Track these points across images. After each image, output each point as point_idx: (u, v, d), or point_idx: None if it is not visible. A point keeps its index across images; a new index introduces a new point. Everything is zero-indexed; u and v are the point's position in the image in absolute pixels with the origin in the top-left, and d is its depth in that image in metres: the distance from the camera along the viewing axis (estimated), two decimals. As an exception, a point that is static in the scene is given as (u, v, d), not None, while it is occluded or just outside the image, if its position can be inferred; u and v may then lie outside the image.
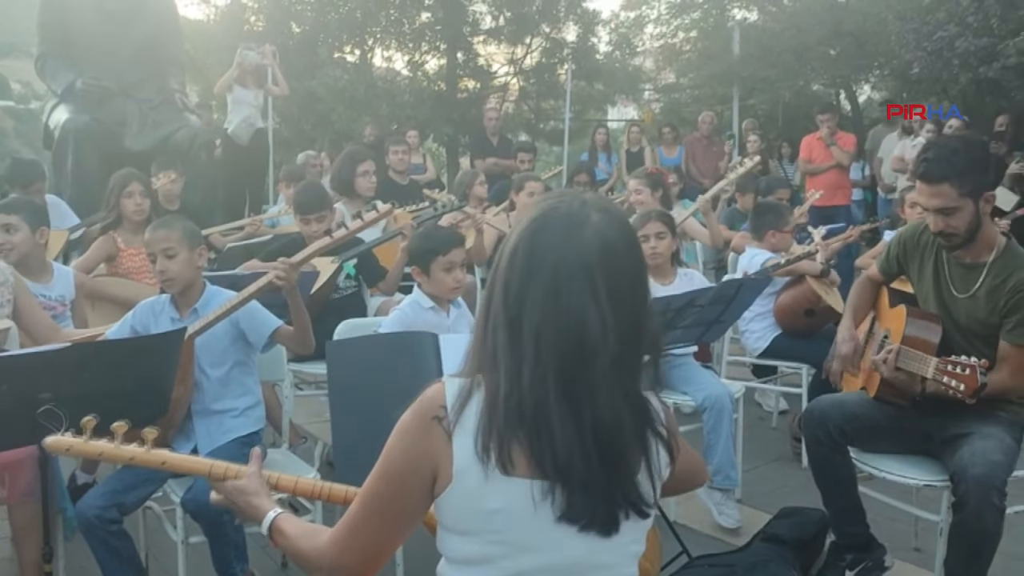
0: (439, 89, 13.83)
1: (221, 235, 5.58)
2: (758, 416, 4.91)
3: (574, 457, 1.23)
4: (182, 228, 2.85)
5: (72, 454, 1.63)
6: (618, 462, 1.27)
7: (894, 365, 2.63)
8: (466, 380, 1.30)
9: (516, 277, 1.27)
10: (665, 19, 15.54)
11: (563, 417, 1.23)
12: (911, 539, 3.28)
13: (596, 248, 1.26)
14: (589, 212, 1.29)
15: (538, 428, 1.23)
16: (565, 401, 1.24)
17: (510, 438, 1.24)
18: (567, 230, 1.27)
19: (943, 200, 2.60)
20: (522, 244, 1.28)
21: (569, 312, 1.24)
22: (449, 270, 3.05)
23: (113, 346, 2.56)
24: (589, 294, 1.24)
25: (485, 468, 1.24)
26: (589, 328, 1.24)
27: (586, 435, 1.24)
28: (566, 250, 1.26)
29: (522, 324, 1.25)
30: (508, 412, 1.24)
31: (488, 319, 1.31)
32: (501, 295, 1.29)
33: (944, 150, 2.61)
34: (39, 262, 3.51)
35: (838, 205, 7.65)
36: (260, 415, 2.95)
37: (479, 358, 1.31)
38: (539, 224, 1.29)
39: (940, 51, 8.85)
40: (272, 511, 1.51)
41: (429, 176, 8.48)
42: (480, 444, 1.25)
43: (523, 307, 1.25)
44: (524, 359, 1.25)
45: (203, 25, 14.04)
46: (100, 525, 2.48)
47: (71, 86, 6.81)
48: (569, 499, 1.24)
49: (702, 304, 3.07)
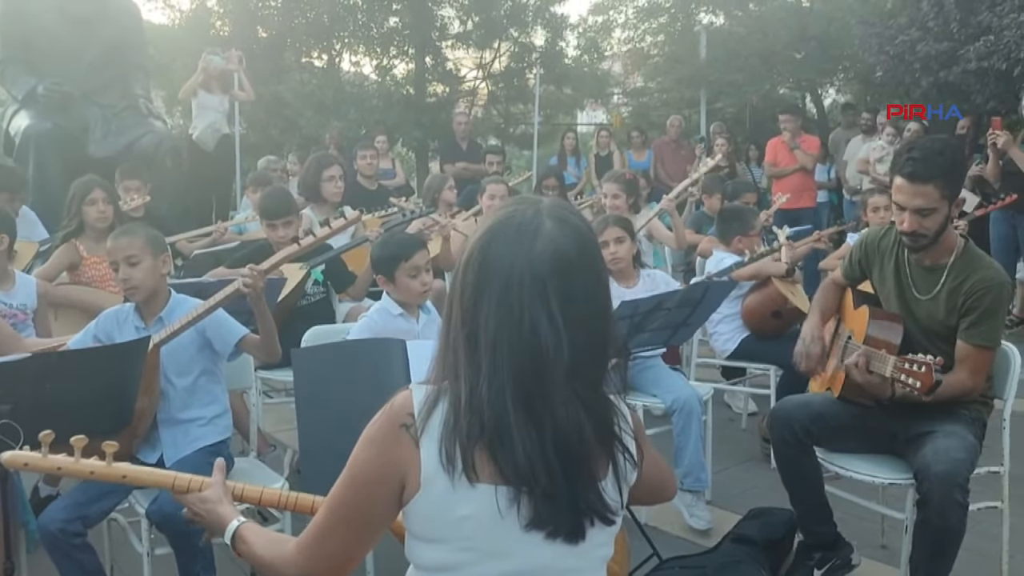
0: (408, 93, 13.81)
1: (187, 242, 5.52)
2: (727, 417, 4.94)
3: (536, 467, 1.23)
4: (145, 235, 2.81)
5: (30, 470, 1.60)
6: (580, 471, 1.26)
7: (866, 368, 2.64)
8: (433, 388, 1.30)
9: (470, 288, 1.27)
10: (632, 23, 15.66)
11: (522, 427, 1.23)
12: (878, 537, 3.32)
13: (548, 257, 1.25)
14: (543, 220, 1.28)
15: (500, 438, 1.23)
16: (524, 411, 1.23)
17: (473, 446, 1.24)
18: (518, 240, 1.26)
19: (925, 200, 2.61)
20: (475, 255, 1.28)
21: (522, 323, 1.23)
22: (415, 275, 3.03)
23: (76, 356, 2.52)
24: (541, 304, 1.24)
25: (451, 476, 1.24)
26: (542, 338, 1.23)
27: (547, 445, 1.24)
28: (517, 261, 1.25)
29: (478, 336, 1.25)
30: (470, 422, 1.24)
31: (449, 329, 1.31)
32: (459, 307, 1.29)
33: (929, 151, 2.61)
34: (1, 270, 3.46)
35: (804, 208, 7.73)
36: (227, 424, 2.92)
37: (442, 367, 1.31)
38: (491, 235, 1.28)
39: (902, 55, 9.00)
40: (235, 520, 1.50)
41: (399, 181, 8.45)
42: (444, 453, 1.24)
43: (478, 318, 1.25)
44: (482, 370, 1.24)
45: (168, 30, 13.88)
46: (64, 538, 2.43)
47: (32, 92, 6.69)
48: (535, 507, 1.24)
49: (669, 307, 3.09)
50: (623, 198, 4.96)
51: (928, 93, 9.09)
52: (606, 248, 3.71)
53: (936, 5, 8.69)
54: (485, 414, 1.23)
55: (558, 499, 1.24)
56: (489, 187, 5.35)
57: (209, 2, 13.73)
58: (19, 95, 6.83)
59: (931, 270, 2.77)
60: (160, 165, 6.62)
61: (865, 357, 2.64)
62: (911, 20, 9.05)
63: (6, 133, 6.90)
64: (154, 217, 5.03)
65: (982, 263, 2.73)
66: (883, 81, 10.05)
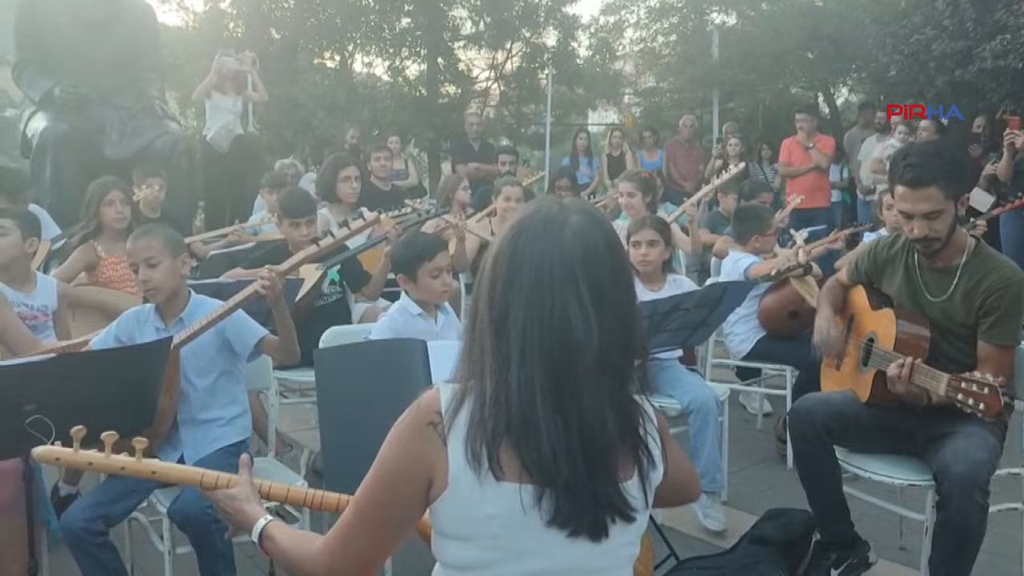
0: (420, 94, 13.83)
1: (203, 243, 5.55)
2: (743, 418, 4.94)
3: (559, 458, 1.24)
4: (164, 236, 2.83)
5: (61, 464, 1.62)
6: (602, 464, 1.27)
7: (908, 379, 2.60)
8: (459, 386, 1.31)
9: (500, 282, 1.29)
10: (644, 24, 15.60)
11: (549, 418, 1.24)
12: (896, 538, 3.31)
13: (577, 248, 1.28)
14: (568, 215, 1.31)
15: (526, 430, 1.24)
16: (552, 401, 1.25)
17: (499, 443, 1.24)
18: (547, 232, 1.29)
19: (930, 204, 2.61)
20: (504, 249, 1.30)
21: (553, 312, 1.25)
22: (436, 275, 3.05)
23: (99, 356, 2.54)
24: (572, 294, 1.26)
25: (477, 474, 1.25)
26: (573, 327, 1.25)
27: (572, 436, 1.25)
28: (547, 252, 1.27)
29: (507, 328, 1.27)
30: (496, 416, 1.25)
31: (475, 326, 1.32)
32: (486, 301, 1.30)
33: (926, 155, 2.62)
34: (24, 271, 3.49)
35: (818, 208, 7.70)
36: (247, 424, 2.94)
37: (468, 364, 1.32)
38: (520, 229, 1.31)
39: (916, 54, 8.95)
40: (263, 518, 1.51)
41: (411, 182, 8.47)
42: (470, 451, 1.25)
43: (508, 311, 1.27)
44: (511, 362, 1.26)
45: (182, 32, 13.94)
46: (86, 537, 2.46)
47: (49, 94, 6.74)
48: (556, 504, 1.25)
49: (688, 308, 3.08)
50: (639, 196, 4.95)
51: (943, 92, 9.04)
52: (638, 248, 3.71)
53: (951, 3, 8.64)
54: (512, 406, 1.24)
55: (579, 493, 1.25)
56: (504, 189, 5.36)
57: (223, 4, 13.78)
58: (36, 97, 6.89)
59: (943, 271, 2.76)
60: (175, 166, 6.66)
61: (909, 369, 2.59)
62: (926, 19, 9.00)
63: (23, 135, 6.95)
64: (171, 218, 5.06)
65: (997, 262, 2.72)
66: (897, 80, 9.99)
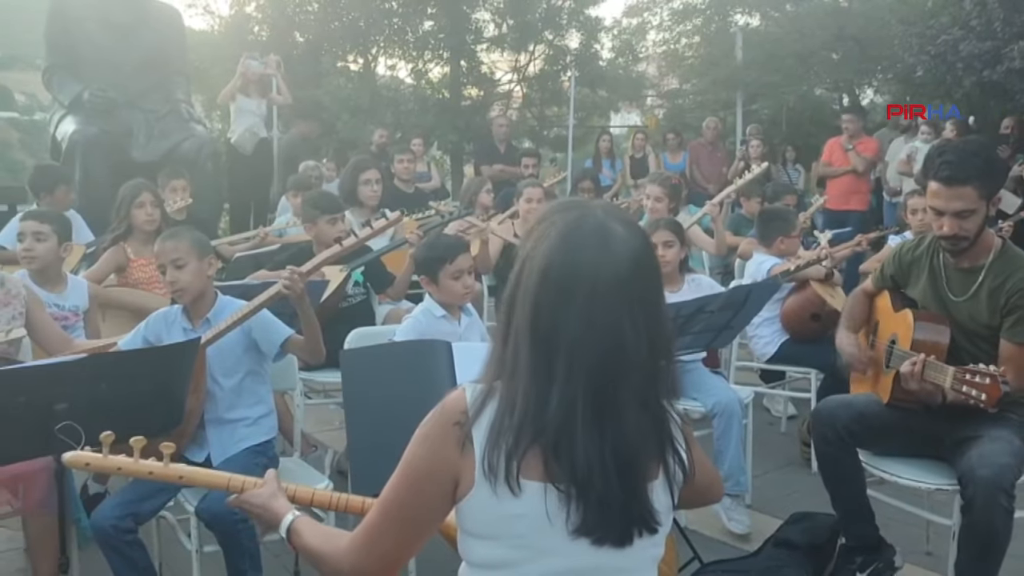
0: (443, 97, 13.86)
1: (229, 245, 5.60)
2: (767, 421, 4.91)
3: (594, 473, 1.24)
4: (190, 238, 2.87)
5: (91, 470, 1.64)
6: (635, 477, 1.28)
7: (921, 376, 2.59)
8: (483, 387, 1.31)
9: (551, 295, 1.26)
10: (668, 25, 15.60)
11: (588, 433, 1.24)
12: (923, 543, 3.28)
13: (628, 261, 1.27)
14: (612, 224, 1.29)
15: (561, 443, 1.24)
16: (592, 417, 1.24)
17: (525, 448, 1.24)
18: (600, 245, 1.26)
19: (964, 203, 2.58)
20: (555, 261, 1.26)
21: (606, 329, 1.24)
22: (458, 277, 3.06)
23: (129, 357, 2.58)
24: (627, 309, 1.25)
25: (499, 476, 1.25)
26: (626, 344, 1.25)
27: (607, 451, 1.24)
28: (602, 266, 1.25)
29: (555, 342, 1.25)
30: (524, 423, 1.24)
31: (510, 334, 1.30)
32: (530, 313, 1.27)
33: (963, 152, 2.58)
34: (56, 273, 3.55)
35: (853, 210, 7.63)
36: (273, 424, 2.96)
37: (497, 370, 1.31)
38: (570, 240, 1.27)
39: (944, 55, 8.89)
40: (290, 514, 1.53)
41: (434, 184, 8.49)
42: (487, 462, 1.25)
43: (558, 325, 1.25)
44: (554, 376, 1.24)
45: (207, 36, 14.08)
46: (115, 535, 2.49)
47: (78, 97, 6.83)
48: (584, 514, 1.25)
49: (712, 310, 3.07)
50: (666, 202, 4.92)
51: (971, 93, 8.97)
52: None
53: (979, 4, 8.58)
54: (549, 418, 1.24)
55: (610, 506, 1.25)
56: (526, 191, 5.35)
57: (248, 8, 13.89)
58: (66, 101, 6.98)
59: (968, 271, 2.74)
60: (201, 169, 6.72)
61: (921, 365, 2.59)
62: (953, 19, 8.93)
63: (53, 138, 7.05)
64: (197, 220, 5.11)
65: (1023, 262, 2.69)
66: (923, 81, 9.92)
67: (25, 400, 2.09)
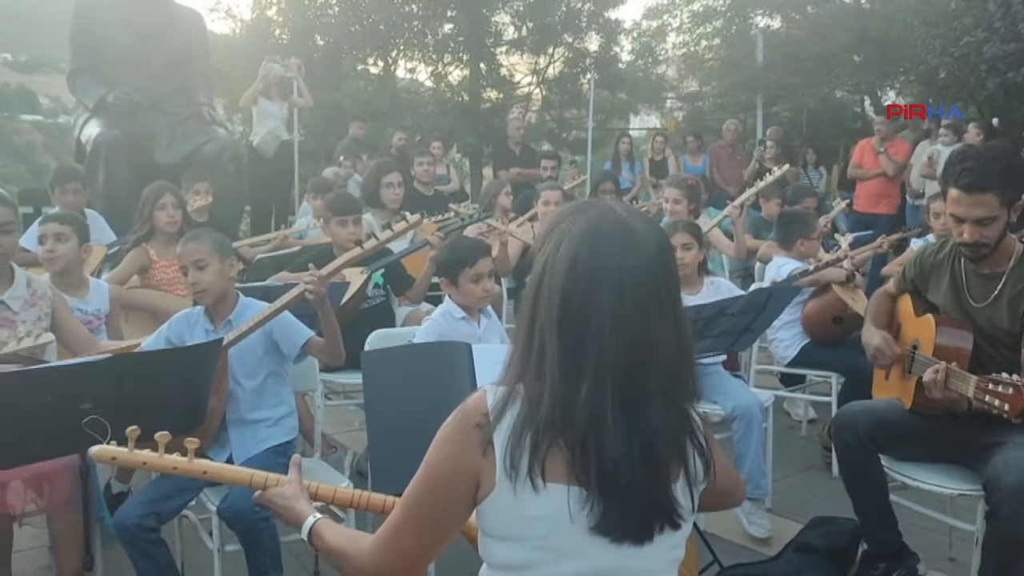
0: (462, 100, 13.91)
1: (250, 247, 5.64)
2: (787, 425, 4.88)
3: (621, 466, 1.24)
4: (212, 240, 2.89)
5: (117, 463, 1.66)
6: (658, 474, 1.28)
7: (944, 385, 2.57)
8: (505, 389, 1.32)
9: (579, 289, 1.26)
10: (688, 28, 15.56)
11: (618, 427, 1.24)
12: (945, 549, 3.25)
13: (655, 258, 1.28)
14: (634, 222, 1.30)
15: (590, 438, 1.24)
16: (621, 411, 1.25)
17: (549, 447, 1.24)
18: (624, 240, 1.27)
19: (985, 210, 2.56)
20: (582, 254, 1.27)
21: (635, 322, 1.25)
22: (477, 280, 3.07)
23: (153, 357, 2.60)
24: (656, 305, 1.26)
25: (520, 477, 1.25)
26: (654, 338, 1.25)
27: (635, 444, 1.25)
28: (628, 259, 1.26)
29: (583, 336, 1.25)
30: (551, 423, 1.24)
31: (534, 333, 1.30)
32: (558, 307, 1.27)
33: (984, 159, 2.55)
34: (77, 277, 3.58)
35: (881, 213, 7.57)
36: (294, 424, 2.98)
37: (520, 369, 1.31)
38: (595, 235, 1.28)
39: (967, 56, 8.81)
40: (312, 516, 1.54)
41: (453, 187, 8.52)
42: (509, 460, 1.26)
43: (587, 319, 1.25)
44: (582, 372, 1.25)
45: (229, 39, 14.20)
46: (139, 533, 2.51)
47: (102, 101, 6.90)
48: (605, 510, 1.25)
49: (732, 313, 3.06)
50: (684, 204, 4.90)
51: (994, 95, 8.89)
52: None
53: (1003, 5, 8.50)
54: (578, 414, 1.24)
55: (634, 500, 1.26)
56: (544, 193, 5.35)
57: (269, 11, 14.01)
58: (90, 104, 7.05)
59: (988, 277, 2.71)
60: (223, 171, 6.77)
61: (944, 373, 2.57)
62: (976, 21, 8.85)
63: (78, 141, 7.13)
64: (218, 222, 5.15)
65: None
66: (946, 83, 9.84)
67: (52, 399, 2.12)
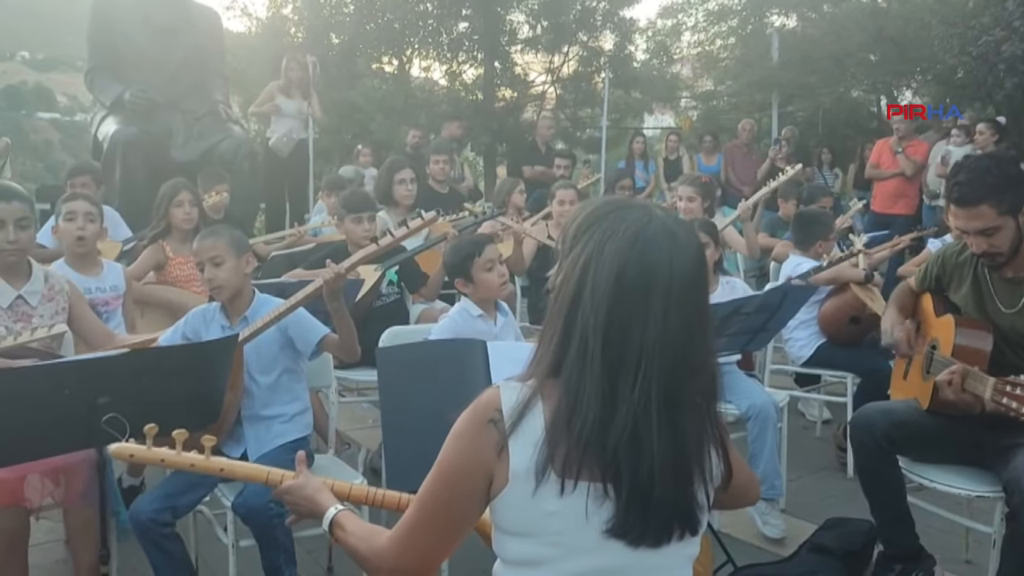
0: (476, 99, 13.91)
1: (264, 244, 5.66)
2: (801, 426, 4.86)
3: (656, 476, 1.24)
4: (228, 236, 2.90)
5: (136, 461, 1.68)
6: (690, 477, 1.28)
7: (960, 386, 2.56)
8: (526, 386, 1.31)
9: (628, 297, 1.25)
10: (703, 27, 15.49)
11: (661, 433, 1.24)
12: (962, 551, 3.23)
13: (694, 261, 1.28)
14: (674, 225, 1.30)
15: (627, 445, 1.23)
16: (664, 419, 1.24)
17: (584, 452, 1.24)
18: (671, 246, 1.27)
19: (983, 221, 2.56)
20: (631, 260, 1.25)
21: (681, 329, 1.25)
22: (490, 268, 3.08)
23: (170, 352, 2.61)
24: (696, 308, 1.27)
25: (544, 476, 1.25)
26: (696, 344, 1.26)
27: (672, 452, 1.25)
28: (677, 266, 1.26)
29: (629, 343, 1.24)
30: (591, 428, 1.24)
31: (573, 333, 1.27)
32: (604, 314, 1.25)
33: (975, 171, 2.56)
34: (93, 257, 3.63)
35: (899, 214, 7.52)
36: (308, 421, 2.99)
37: (551, 368, 1.29)
38: (643, 240, 1.26)
39: (985, 56, 8.74)
40: (333, 507, 1.55)
41: (467, 185, 8.52)
42: (538, 461, 1.25)
43: (635, 326, 1.24)
44: (626, 378, 1.24)
45: (245, 37, 14.25)
46: (154, 528, 2.53)
47: (119, 98, 6.94)
48: (626, 517, 1.25)
49: (748, 312, 3.05)
50: (698, 201, 4.89)
51: (1013, 95, 8.81)
52: None
53: (1022, 4, 8.42)
54: (619, 421, 1.23)
55: (659, 510, 1.26)
56: (559, 193, 5.35)
57: (285, 10, 14.05)
58: (107, 102, 7.09)
59: (1014, 282, 2.69)
60: (238, 169, 6.80)
61: (960, 375, 2.56)
62: (995, 20, 8.77)
63: (95, 138, 7.17)
64: (233, 219, 5.18)
65: None
66: (964, 83, 9.76)
67: (70, 393, 2.13)
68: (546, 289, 1.40)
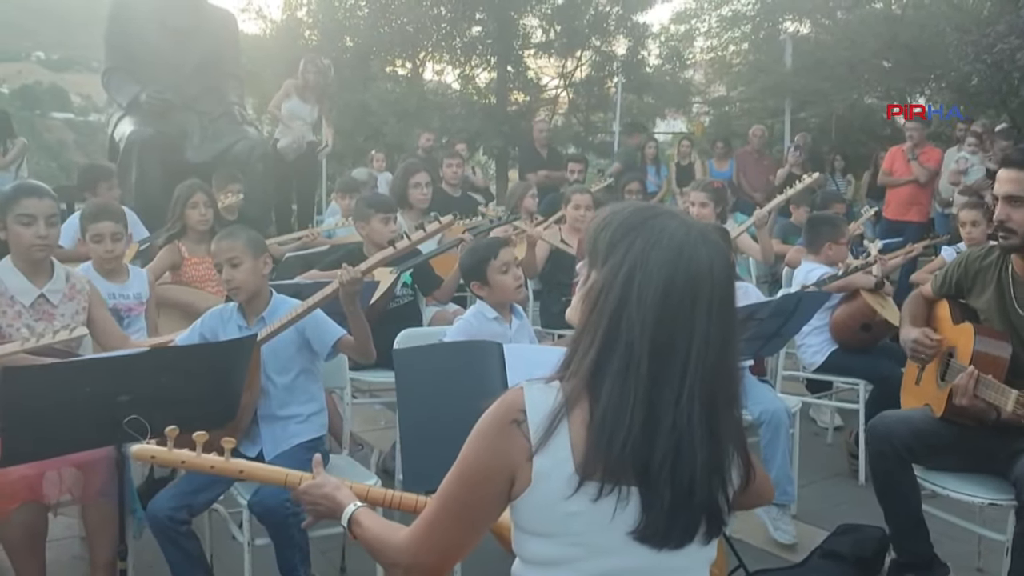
0: (489, 102, 13.95)
1: (278, 245, 5.69)
2: (813, 432, 4.86)
3: (697, 479, 1.25)
4: (246, 237, 2.93)
5: (156, 462, 1.69)
6: (723, 483, 1.30)
7: (973, 393, 2.57)
8: (556, 390, 1.31)
9: (676, 306, 1.26)
10: (716, 32, 15.50)
11: (702, 441, 1.26)
12: (974, 559, 3.22)
13: (729, 268, 1.31)
14: (708, 231, 1.32)
15: (671, 453, 1.25)
16: (707, 421, 1.26)
17: (622, 460, 1.24)
18: (710, 254, 1.29)
19: (1015, 187, 2.56)
20: (679, 269, 1.27)
21: (723, 336, 1.28)
22: (505, 271, 3.09)
23: (189, 351, 2.64)
24: (732, 312, 1.30)
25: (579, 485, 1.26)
26: (734, 350, 1.29)
27: (711, 458, 1.27)
28: (716, 274, 1.28)
29: (676, 351, 1.26)
30: (637, 434, 1.24)
31: (618, 340, 1.27)
32: (652, 323, 1.25)
33: None
34: (117, 264, 3.66)
35: (911, 221, 7.50)
36: (324, 421, 3.01)
37: (588, 375, 1.29)
38: (687, 249, 1.28)
39: (1000, 63, 8.72)
40: (352, 504, 1.56)
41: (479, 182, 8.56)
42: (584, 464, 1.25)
43: (682, 335, 1.26)
44: (668, 384, 1.25)
45: (260, 39, 14.34)
46: (171, 526, 2.55)
47: (136, 99, 6.98)
48: (654, 521, 1.26)
49: (761, 317, 3.06)
50: (710, 207, 4.90)
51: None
52: None
53: (1038, 12, 8.41)
54: (666, 427, 1.25)
55: (691, 515, 1.28)
56: (574, 197, 5.37)
57: (299, 13, 14.14)
58: (123, 103, 7.13)
59: None
60: (253, 170, 6.84)
61: (974, 381, 2.56)
62: (1010, 27, 8.75)
63: (111, 139, 7.22)
64: (248, 220, 5.21)
65: None
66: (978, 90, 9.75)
67: (91, 391, 2.15)
68: (565, 298, 1.42)
